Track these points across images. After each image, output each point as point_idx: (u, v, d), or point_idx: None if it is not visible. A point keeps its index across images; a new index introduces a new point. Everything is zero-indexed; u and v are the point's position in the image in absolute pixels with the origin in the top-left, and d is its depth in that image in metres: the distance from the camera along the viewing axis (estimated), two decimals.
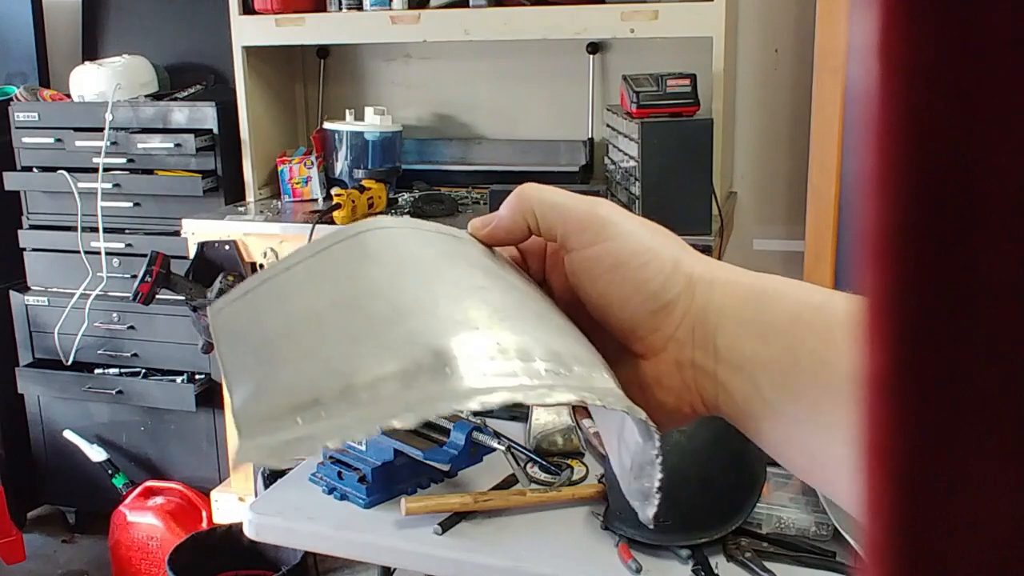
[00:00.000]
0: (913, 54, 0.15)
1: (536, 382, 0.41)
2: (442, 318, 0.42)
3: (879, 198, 0.16)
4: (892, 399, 0.16)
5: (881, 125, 0.16)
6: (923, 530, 0.16)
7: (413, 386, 0.40)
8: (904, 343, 0.16)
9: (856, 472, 0.17)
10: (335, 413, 0.40)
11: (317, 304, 0.45)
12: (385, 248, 0.47)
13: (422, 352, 0.40)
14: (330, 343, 0.43)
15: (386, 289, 0.44)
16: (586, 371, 0.43)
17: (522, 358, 0.42)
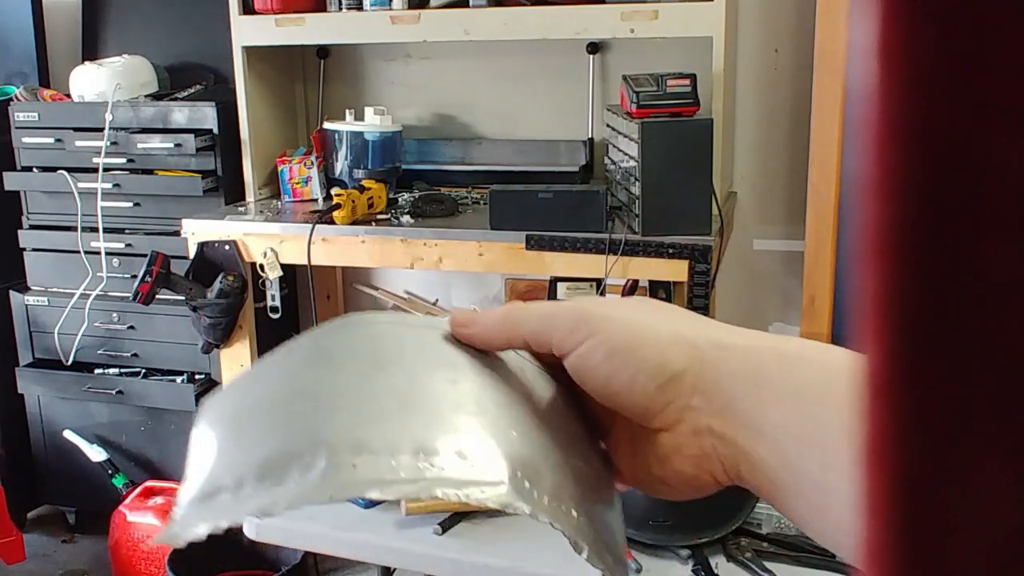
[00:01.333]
0: (913, 54, 0.15)
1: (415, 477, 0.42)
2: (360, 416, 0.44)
3: (879, 198, 0.16)
4: (892, 399, 0.16)
5: (881, 125, 0.16)
6: (923, 530, 0.16)
7: (289, 479, 0.42)
8: (904, 343, 0.16)
9: (856, 473, 0.17)
10: (242, 496, 0.42)
11: (261, 397, 0.48)
12: (346, 344, 0.49)
13: (308, 448, 0.42)
14: (250, 435, 0.46)
15: (315, 387, 0.47)
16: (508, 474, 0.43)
17: (423, 454, 0.43)
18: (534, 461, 0.45)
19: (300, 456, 0.42)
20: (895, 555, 0.16)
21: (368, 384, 0.46)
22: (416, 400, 0.45)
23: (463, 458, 0.43)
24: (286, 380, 0.48)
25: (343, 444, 0.42)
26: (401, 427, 0.44)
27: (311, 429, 0.44)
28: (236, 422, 0.47)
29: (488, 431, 0.45)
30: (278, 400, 0.47)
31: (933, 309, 0.16)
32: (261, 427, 0.46)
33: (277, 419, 0.45)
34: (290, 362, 0.50)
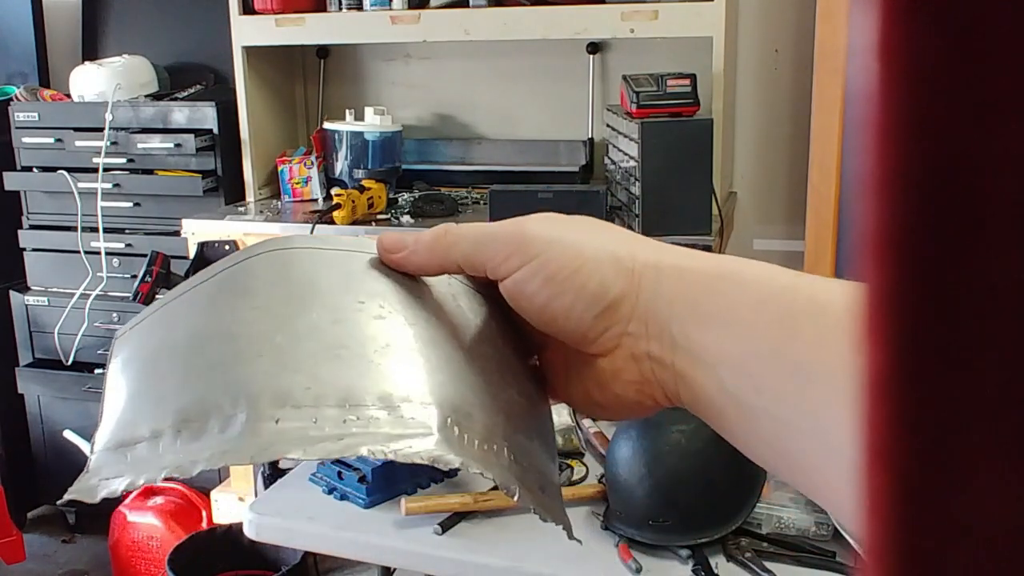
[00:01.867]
0: (913, 53, 0.15)
1: (325, 432, 0.40)
2: (266, 367, 0.42)
3: (879, 198, 0.16)
4: (892, 399, 0.16)
5: (881, 124, 0.16)
6: (923, 531, 0.16)
7: (208, 433, 0.40)
8: (904, 343, 0.16)
9: (855, 473, 0.17)
10: (154, 449, 0.41)
11: (178, 336, 0.46)
12: (265, 275, 0.46)
13: (227, 400, 0.41)
14: (167, 381, 0.44)
15: (235, 327, 0.44)
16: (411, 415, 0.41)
17: (326, 404, 0.41)
18: (465, 402, 0.43)
19: (219, 408, 0.40)
20: (895, 555, 0.16)
21: (290, 324, 0.43)
22: (340, 342, 0.43)
23: (391, 409, 0.41)
24: (203, 317, 0.45)
25: (264, 395, 0.40)
26: (326, 374, 0.42)
27: (230, 377, 0.41)
28: (152, 364, 0.45)
29: (416, 373, 0.43)
30: (195, 341, 0.44)
31: (933, 309, 0.16)
32: (177, 371, 0.43)
33: (194, 363, 0.43)
34: (208, 295, 0.47)
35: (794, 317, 0.40)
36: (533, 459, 0.46)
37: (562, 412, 1.79)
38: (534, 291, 0.45)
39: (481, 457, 0.42)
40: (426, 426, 0.41)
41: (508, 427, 0.45)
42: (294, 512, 1.63)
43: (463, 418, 0.43)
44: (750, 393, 0.41)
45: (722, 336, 0.42)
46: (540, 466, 0.46)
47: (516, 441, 0.45)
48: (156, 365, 0.45)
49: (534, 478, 0.45)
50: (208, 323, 0.45)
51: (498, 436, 0.44)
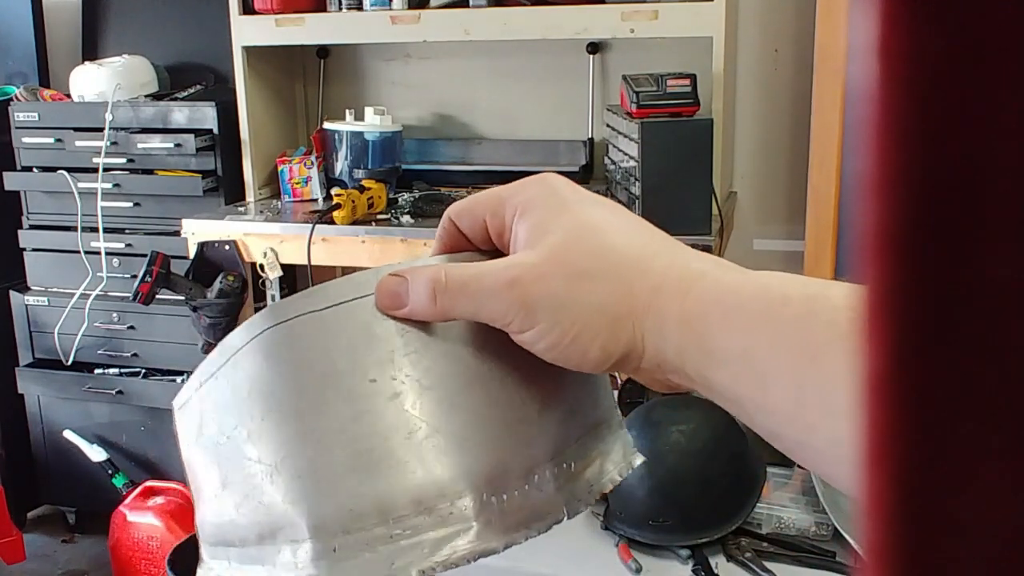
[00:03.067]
0: (913, 53, 0.15)
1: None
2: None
3: (879, 198, 0.16)
4: (892, 399, 0.16)
5: (881, 125, 0.16)
6: (923, 531, 0.16)
7: (281, 555, 0.45)
8: (904, 343, 0.16)
9: (855, 473, 0.17)
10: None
11: (206, 437, 0.51)
12: (275, 366, 0.47)
13: (290, 525, 0.45)
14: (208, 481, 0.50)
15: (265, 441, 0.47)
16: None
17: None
18: (496, 463, 0.45)
19: (283, 529, 0.45)
20: (895, 555, 0.16)
21: (313, 431, 0.45)
22: (366, 444, 0.44)
23: (429, 511, 0.43)
24: (234, 420, 0.47)
25: (321, 524, 0.44)
26: (362, 488, 0.44)
27: (289, 505, 0.45)
28: (221, 475, 0.48)
29: (444, 460, 0.44)
30: (246, 466, 0.47)
31: (933, 309, 0.16)
32: (238, 484, 0.47)
33: (253, 490, 0.46)
34: (231, 390, 0.49)
35: (813, 348, 0.41)
36: (578, 441, 0.48)
37: None
38: (541, 352, 0.46)
39: (522, 520, 0.44)
40: (465, 518, 0.44)
41: (544, 445, 0.47)
42: None
43: (498, 481, 0.44)
44: (781, 427, 0.43)
45: (736, 377, 0.43)
46: (587, 438, 0.49)
47: (556, 445, 0.47)
48: (225, 477, 0.48)
49: (573, 495, 0.47)
50: (241, 434, 0.48)
51: (540, 463, 0.46)
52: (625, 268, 0.46)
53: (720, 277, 0.46)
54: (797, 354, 0.41)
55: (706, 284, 0.45)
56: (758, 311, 0.43)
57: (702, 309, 0.44)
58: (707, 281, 0.45)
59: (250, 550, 0.45)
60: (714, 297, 0.45)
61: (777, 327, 0.42)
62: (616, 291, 0.46)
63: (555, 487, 0.46)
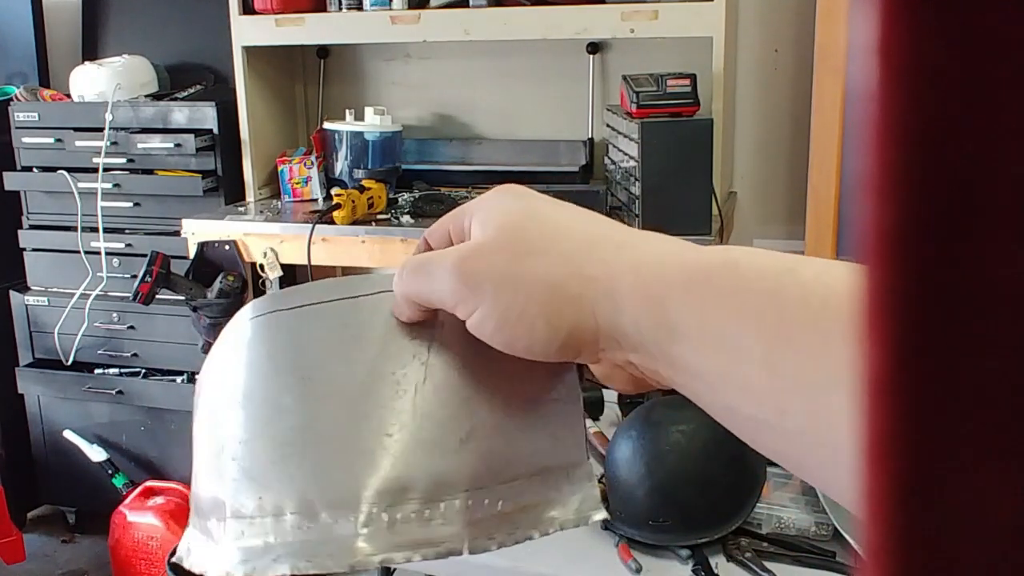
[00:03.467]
0: (913, 54, 0.15)
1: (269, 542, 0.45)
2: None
3: (879, 198, 0.16)
4: (892, 399, 0.16)
5: (881, 125, 0.16)
6: (924, 531, 0.16)
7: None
8: (905, 343, 0.16)
9: (855, 473, 0.17)
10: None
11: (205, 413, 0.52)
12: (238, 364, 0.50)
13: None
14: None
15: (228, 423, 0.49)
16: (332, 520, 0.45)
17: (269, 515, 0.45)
18: (397, 481, 0.45)
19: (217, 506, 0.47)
20: (895, 555, 0.16)
21: (259, 419, 0.47)
22: (288, 436, 0.47)
23: (313, 516, 0.45)
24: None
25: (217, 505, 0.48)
26: (264, 476, 0.46)
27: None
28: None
29: (346, 461, 0.45)
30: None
31: (933, 308, 0.16)
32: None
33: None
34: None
35: (786, 326, 0.38)
36: (514, 482, 0.47)
37: None
38: (490, 336, 0.45)
39: (410, 542, 0.44)
40: (347, 531, 0.44)
41: (459, 475, 0.46)
42: None
43: (394, 497, 0.45)
44: (749, 405, 0.40)
45: (699, 351, 0.40)
46: (530, 481, 0.47)
47: (475, 478, 0.46)
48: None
49: (513, 504, 0.46)
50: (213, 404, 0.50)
51: (450, 491, 0.45)
52: (575, 245, 0.45)
53: (682, 251, 0.43)
54: (770, 331, 0.38)
55: (665, 257, 0.43)
56: (725, 284, 0.40)
57: (662, 279, 0.42)
58: (667, 255, 0.43)
59: (203, 521, 0.48)
60: (676, 269, 0.42)
61: (746, 300, 0.39)
62: (564, 265, 0.44)
63: (462, 519, 0.45)
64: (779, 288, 0.39)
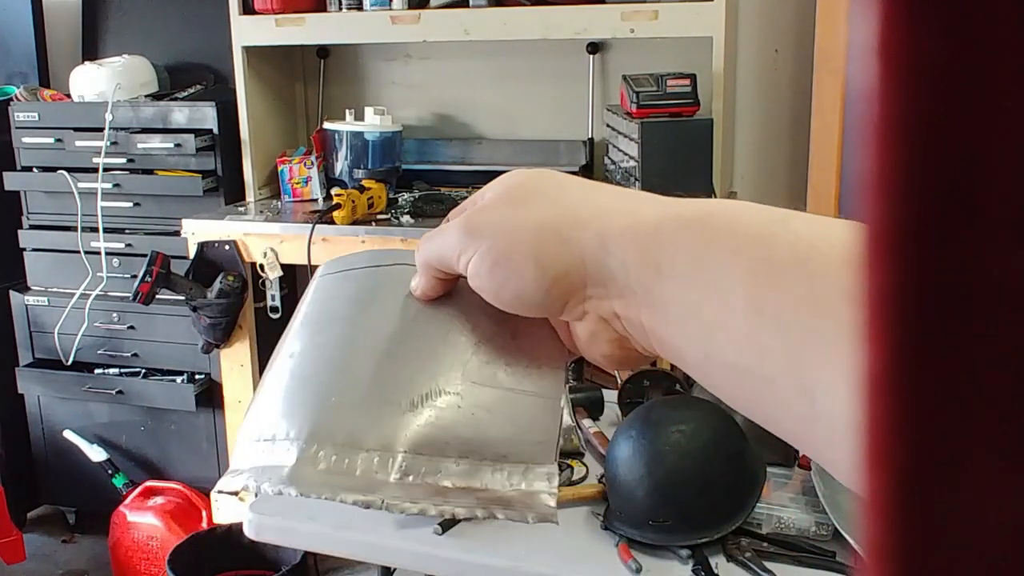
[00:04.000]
0: (913, 53, 0.15)
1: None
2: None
3: (879, 198, 0.16)
4: (893, 399, 0.16)
5: (881, 124, 0.16)
6: (923, 531, 0.16)
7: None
8: (905, 343, 0.16)
9: (856, 472, 0.17)
10: None
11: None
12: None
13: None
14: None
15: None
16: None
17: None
18: (349, 428, 0.48)
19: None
20: (895, 555, 0.16)
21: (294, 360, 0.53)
22: (299, 376, 0.52)
23: (271, 440, 0.50)
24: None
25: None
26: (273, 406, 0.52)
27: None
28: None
29: (314, 399, 0.50)
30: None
31: (933, 308, 0.16)
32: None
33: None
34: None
35: (774, 265, 0.38)
36: (464, 460, 0.48)
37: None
38: (484, 281, 0.47)
39: (341, 484, 0.47)
40: (288, 458, 0.49)
41: (403, 435, 0.48)
42: (294, 512, 1.63)
43: (335, 440, 0.48)
44: (730, 349, 0.39)
45: (687, 287, 0.40)
46: (483, 464, 0.48)
47: (417, 442, 0.48)
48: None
49: (462, 472, 0.48)
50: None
51: (394, 449, 0.48)
52: (573, 196, 0.47)
53: (681, 202, 0.44)
54: (756, 272, 0.38)
55: (662, 206, 0.44)
56: (716, 226, 0.41)
57: (655, 222, 0.42)
58: (665, 204, 0.44)
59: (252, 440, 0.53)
60: (671, 214, 0.43)
61: (739, 239, 0.39)
62: (557, 209, 0.46)
63: (397, 477, 0.47)
64: (770, 234, 0.39)
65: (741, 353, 0.39)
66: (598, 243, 0.44)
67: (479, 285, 0.47)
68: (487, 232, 0.46)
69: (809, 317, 0.36)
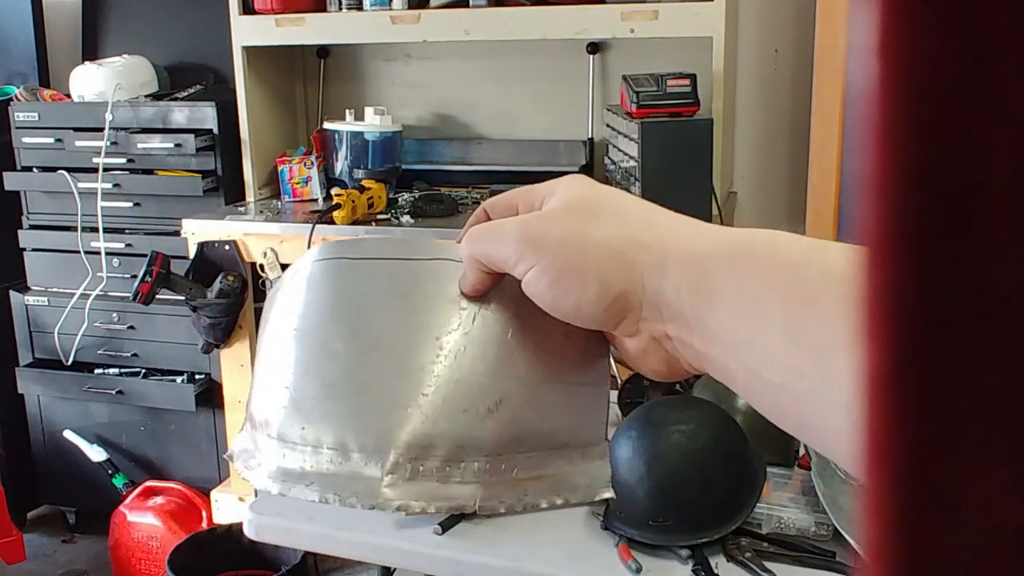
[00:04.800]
0: (913, 54, 0.15)
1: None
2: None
3: (879, 198, 0.16)
4: (893, 399, 0.16)
5: (881, 123, 0.16)
6: (924, 531, 0.16)
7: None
8: (905, 343, 0.16)
9: (856, 472, 0.17)
10: None
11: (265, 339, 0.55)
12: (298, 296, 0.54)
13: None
14: None
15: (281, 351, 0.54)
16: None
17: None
18: (424, 438, 0.48)
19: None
20: (895, 555, 0.16)
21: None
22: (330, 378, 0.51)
23: (345, 454, 0.50)
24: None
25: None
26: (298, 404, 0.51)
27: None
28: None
29: (374, 408, 0.50)
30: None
31: (933, 308, 0.16)
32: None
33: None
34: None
35: (808, 292, 0.41)
36: (533, 452, 0.50)
37: None
38: (542, 292, 0.47)
39: (425, 493, 0.47)
40: (373, 474, 0.49)
41: (482, 440, 0.49)
42: (294, 512, 1.63)
43: (419, 451, 0.48)
44: (770, 369, 0.42)
45: (733, 315, 0.43)
46: (547, 454, 0.50)
47: (496, 445, 0.49)
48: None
49: (528, 473, 0.49)
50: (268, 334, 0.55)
51: (473, 454, 0.48)
52: (634, 217, 0.48)
53: (730, 230, 0.47)
54: (793, 295, 0.41)
55: (714, 233, 0.46)
56: (762, 255, 0.44)
57: (707, 250, 0.45)
58: (716, 230, 0.47)
59: (254, 432, 0.53)
60: (721, 242, 0.45)
61: (777, 270, 0.42)
62: (621, 232, 0.47)
63: (478, 480, 0.48)
64: (806, 262, 0.42)
65: (780, 373, 0.41)
66: (657, 268, 0.46)
67: (535, 293, 0.48)
68: (550, 246, 0.47)
69: (841, 337, 0.39)
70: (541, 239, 0.47)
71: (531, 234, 0.48)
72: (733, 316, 0.43)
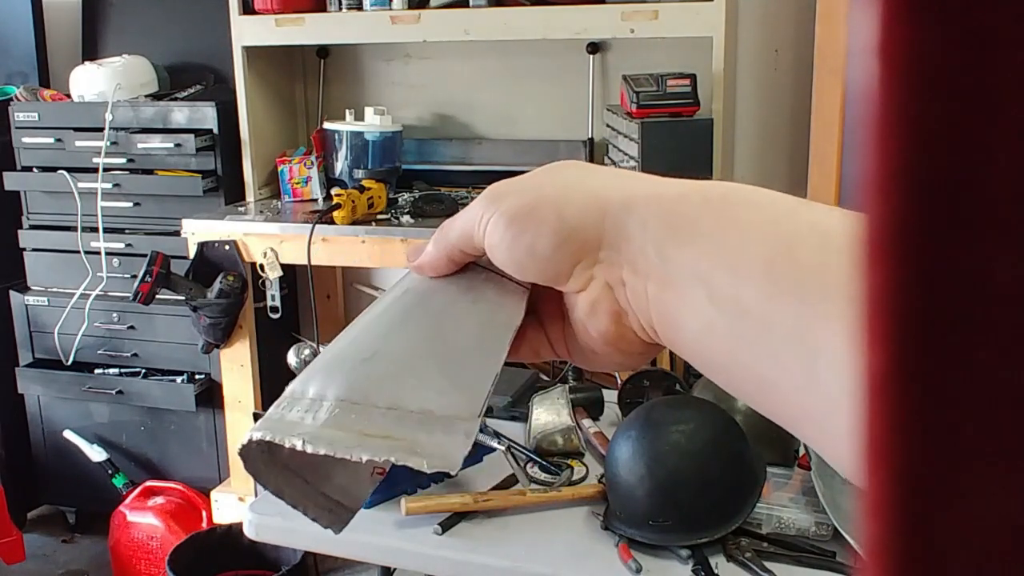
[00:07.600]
0: (913, 54, 0.15)
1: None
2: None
3: (879, 198, 0.16)
4: (893, 399, 0.16)
5: (881, 125, 0.16)
6: (923, 531, 0.16)
7: None
8: (905, 343, 0.16)
9: (857, 472, 0.17)
10: None
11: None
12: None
13: None
14: None
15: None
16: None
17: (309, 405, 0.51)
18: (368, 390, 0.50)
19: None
20: (895, 555, 0.16)
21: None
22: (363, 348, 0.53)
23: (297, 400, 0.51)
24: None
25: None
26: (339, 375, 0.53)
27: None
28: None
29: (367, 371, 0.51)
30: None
31: (933, 308, 0.16)
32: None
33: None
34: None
35: (792, 239, 0.39)
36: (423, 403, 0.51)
37: (562, 412, 1.79)
38: (499, 239, 0.46)
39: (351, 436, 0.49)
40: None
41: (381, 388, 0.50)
42: (294, 512, 1.63)
43: (312, 398, 0.51)
44: (735, 312, 0.39)
45: (706, 252, 0.41)
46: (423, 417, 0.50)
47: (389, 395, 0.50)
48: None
49: (388, 421, 0.50)
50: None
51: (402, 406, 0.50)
52: (600, 174, 0.48)
53: (710, 182, 0.45)
54: (773, 242, 0.39)
55: (684, 185, 0.45)
56: (739, 201, 0.42)
57: (681, 192, 0.44)
58: (691, 182, 0.45)
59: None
60: (694, 190, 0.44)
61: (756, 216, 0.40)
62: (584, 176, 0.47)
63: (325, 421, 0.49)
64: (794, 211, 0.41)
65: (745, 317, 0.39)
66: (621, 204, 0.44)
67: (493, 242, 0.47)
68: (512, 193, 0.47)
69: (825, 285, 0.37)
70: (504, 190, 0.47)
71: (495, 190, 0.48)
72: (701, 256, 0.41)
